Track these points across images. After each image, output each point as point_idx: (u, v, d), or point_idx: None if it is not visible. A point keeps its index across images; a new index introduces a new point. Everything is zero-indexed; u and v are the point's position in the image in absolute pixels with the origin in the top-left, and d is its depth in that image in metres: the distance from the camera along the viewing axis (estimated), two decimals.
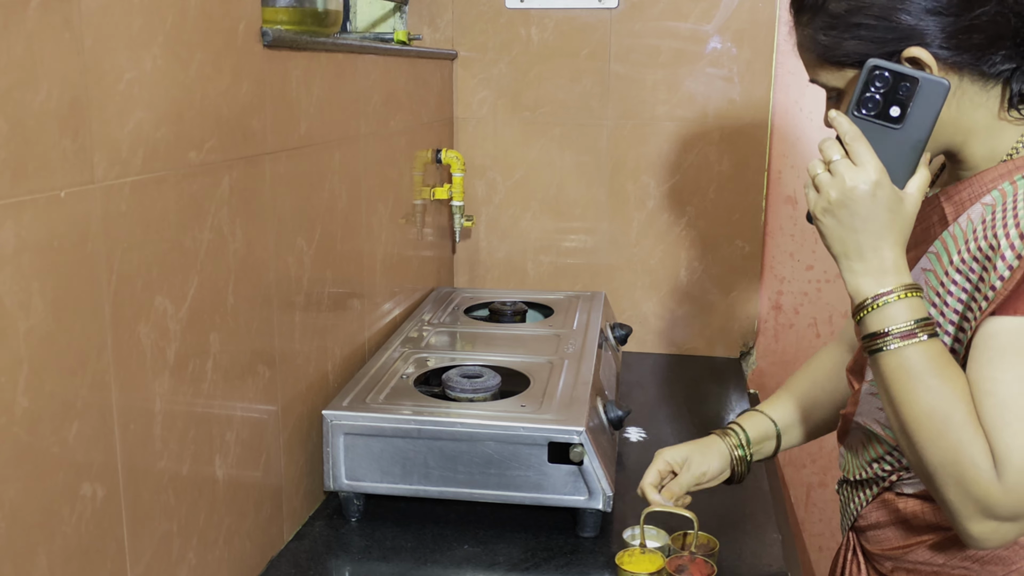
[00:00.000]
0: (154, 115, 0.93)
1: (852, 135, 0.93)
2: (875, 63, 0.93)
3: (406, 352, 1.61)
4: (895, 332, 0.92)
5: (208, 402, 1.07)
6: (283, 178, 1.23)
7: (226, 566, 1.14)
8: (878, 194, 0.92)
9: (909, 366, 0.91)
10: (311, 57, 1.30)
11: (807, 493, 2.25)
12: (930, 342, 0.91)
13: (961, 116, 0.97)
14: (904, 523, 1.07)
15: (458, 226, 2.03)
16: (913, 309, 0.92)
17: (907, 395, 0.91)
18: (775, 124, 2.06)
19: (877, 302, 0.93)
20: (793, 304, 2.16)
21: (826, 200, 0.94)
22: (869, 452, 1.10)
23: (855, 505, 1.15)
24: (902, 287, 0.92)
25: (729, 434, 1.29)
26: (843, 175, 0.93)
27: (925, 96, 0.91)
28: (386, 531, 1.34)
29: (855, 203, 0.92)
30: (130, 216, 0.90)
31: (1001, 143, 0.98)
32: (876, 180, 0.92)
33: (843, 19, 0.96)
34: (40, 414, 0.78)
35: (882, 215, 0.92)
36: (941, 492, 0.91)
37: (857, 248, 0.94)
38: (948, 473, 0.89)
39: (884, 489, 1.10)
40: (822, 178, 0.95)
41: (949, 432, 0.88)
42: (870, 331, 0.94)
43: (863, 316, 0.94)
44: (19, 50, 0.74)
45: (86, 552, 0.86)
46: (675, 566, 1.18)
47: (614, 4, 2.04)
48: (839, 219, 0.94)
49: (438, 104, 2.02)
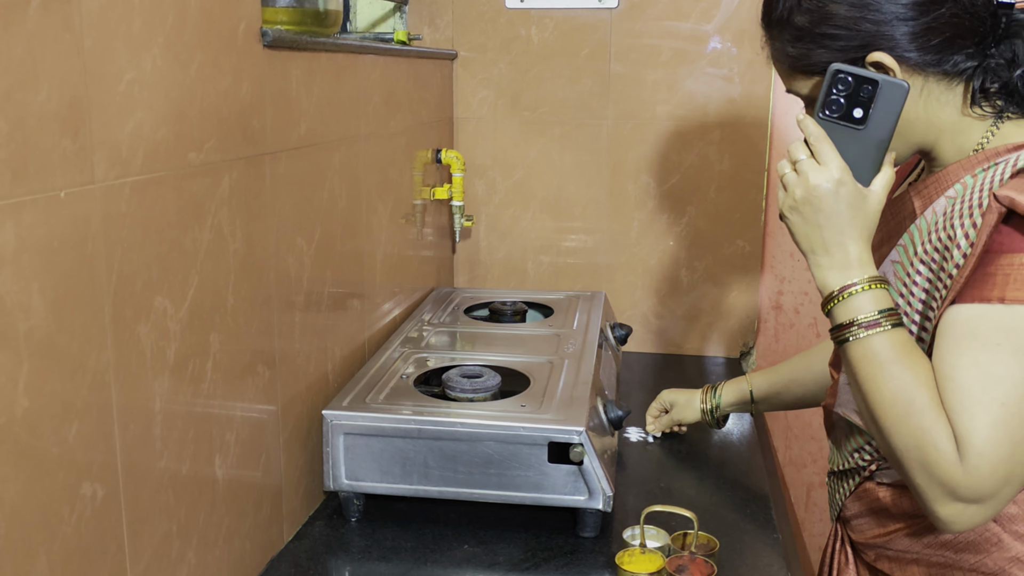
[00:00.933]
0: (154, 115, 0.93)
1: (816, 136, 0.98)
2: (837, 67, 0.97)
3: (406, 352, 1.61)
4: (860, 322, 0.95)
5: (208, 402, 1.07)
6: (283, 178, 1.24)
7: (226, 566, 1.14)
8: (840, 192, 0.96)
9: (874, 354, 0.94)
10: (311, 57, 1.30)
11: (807, 493, 2.25)
12: (894, 331, 0.95)
13: (929, 115, 1.01)
14: (883, 511, 1.10)
15: (458, 226, 2.03)
16: (877, 300, 0.96)
17: (873, 382, 0.94)
18: (775, 124, 2.06)
19: (843, 294, 0.96)
20: (793, 304, 2.16)
21: (792, 198, 0.99)
22: (850, 443, 1.13)
23: (840, 495, 1.17)
24: (866, 279, 0.96)
25: (707, 393, 1.60)
26: (807, 174, 0.97)
27: (886, 97, 0.96)
28: (386, 531, 1.34)
29: (819, 200, 0.97)
30: (130, 216, 0.90)
31: (968, 139, 1.02)
32: (838, 178, 0.96)
33: (808, 31, 1.01)
34: (40, 414, 0.78)
35: (845, 211, 0.96)
36: (909, 476, 0.93)
37: (823, 243, 0.98)
38: (913, 457, 0.91)
39: (864, 479, 1.12)
40: (788, 177, 0.99)
41: (912, 417, 0.91)
42: (837, 322, 0.97)
43: (831, 308, 0.98)
44: (19, 51, 0.74)
45: (86, 552, 0.86)
46: (675, 566, 1.18)
47: (614, 4, 2.04)
48: (804, 216, 0.98)
49: (438, 104, 2.02)
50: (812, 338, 2.16)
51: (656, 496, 1.44)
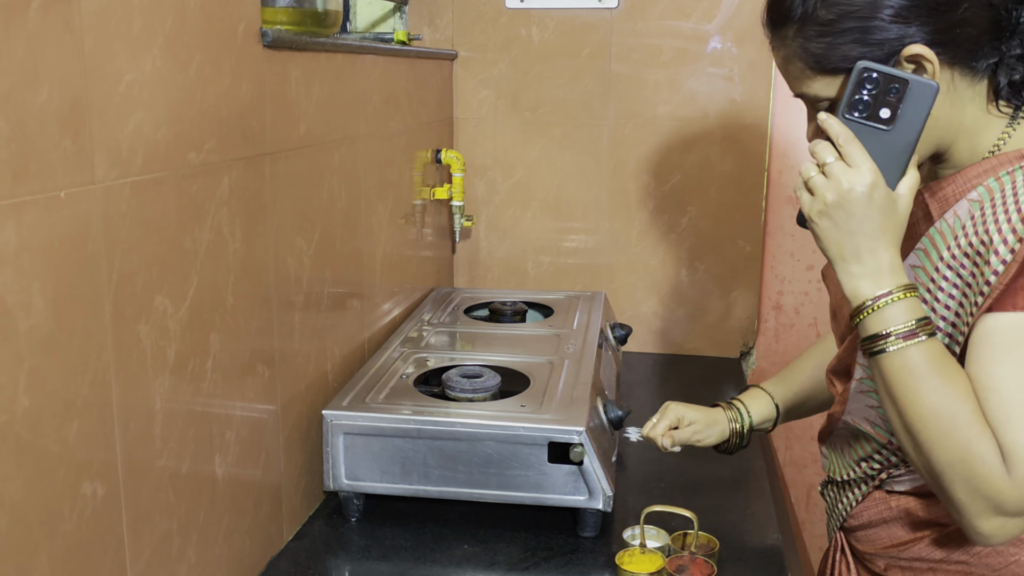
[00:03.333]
0: (154, 116, 0.93)
1: (845, 137, 0.93)
2: (865, 65, 0.93)
3: (406, 352, 1.62)
4: (896, 333, 0.91)
5: (208, 401, 1.07)
6: (283, 178, 1.24)
7: (226, 564, 1.14)
8: (874, 196, 0.91)
9: (912, 366, 0.90)
10: (311, 57, 1.31)
11: (807, 493, 2.25)
12: (930, 341, 0.91)
13: (953, 113, 0.98)
14: (898, 520, 1.08)
15: (458, 226, 2.04)
16: (912, 309, 0.92)
17: (911, 395, 0.90)
18: (776, 124, 2.06)
19: (876, 304, 0.92)
20: (793, 304, 2.16)
21: (822, 203, 0.93)
22: (856, 451, 1.11)
23: (844, 505, 1.15)
24: (900, 288, 0.92)
25: (735, 415, 1.36)
26: (839, 177, 0.92)
27: (915, 98, 0.92)
28: (386, 531, 1.35)
29: (852, 205, 0.92)
30: (130, 216, 0.90)
31: (984, 139, 0.99)
32: (872, 182, 0.91)
33: (834, 25, 0.96)
34: (41, 413, 0.78)
35: (877, 217, 0.92)
36: (948, 491, 0.90)
37: (854, 250, 0.93)
38: (957, 472, 0.89)
39: (874, 488, 1.10)
40: (816, 180, 0.94)
41: (956, 431, 0.88)
42: (870, 333, 0.93)
43: (862, 318, 0.93)
44: (20, 52, 0.74)
45: (86, 550, 0.86)
46: (675, 566, 1.18)
47: (614, 4, 2.04)
48: (836, 221, 0.93)
49: (438, 104, 2.02)
50: (812, 338, 2.16)
51: (656, 496, 1.44)
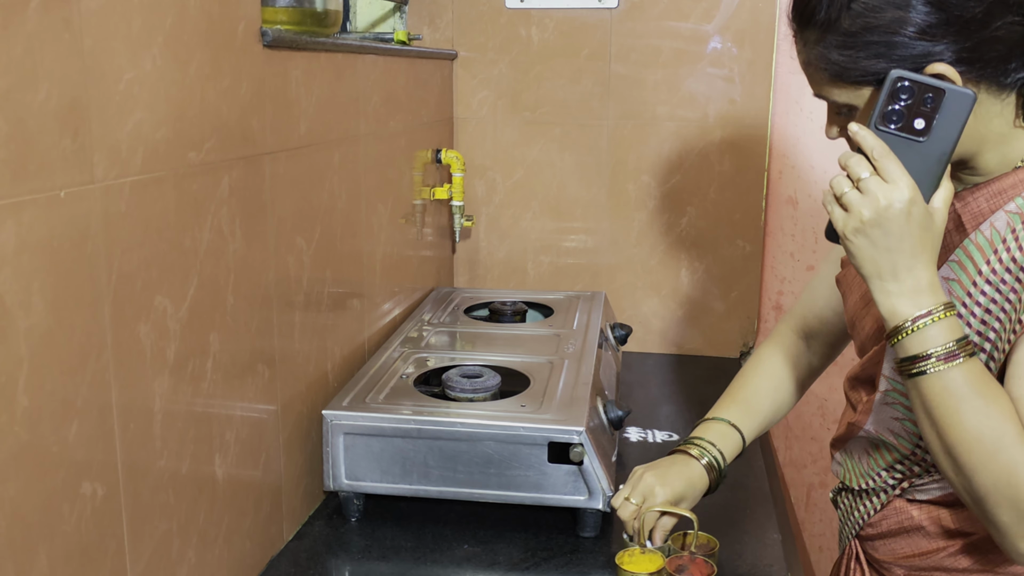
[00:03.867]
0: (154, 115, 0.93)
1: (881, 151, 0.90)
2: (899, 74, 0.90)
3: (406, 352, 1.62)
4: (936, 355, 0.89)
5: (208, 401, 1.07)
6: (283, 178, 1.24)
7: (226, 565, 1.14)
8: (913, 212, 0.89)
9: (954, 388, 0.89)
10: (311, 57, 1.31)
11: (807, 493, 2.25)
12: (971, 362, 0.89)
13: (978, 126, 0.95)
14: (919, 530, 1.07)
15: (458, 226, 2.04)
16: (952, 329, 0.90)
17: (953, 417, 0.89)
18: (775, 124, 2.06)
19: (916, 324, 0.90)
20: (793, 304, 2.16)
21: (858, 220, 0.90)
22: (878, 461, 1.10)
23: (860, 514, 1.14)
24: (940, 307, 0.90)
25: (711, 463, 1.24)
26: (875, 193, 0.89)
27: (950, 108, 0.89)
28: (386, 531, 1.34)
29: (890, 223, 0.89)
30: (130, 216, 0.90)
31: (1014, 150, 0.97)
32: (911, 198, 0.89)
33: (858, 37, 0.93)
34: (40, 413, 0.78)
35: (916, 233, 0.89)
36: (991, 513, 0.90)
37: (892, 268, 0.90)
38: (1003, 495, 0.88)
39: (895, 496, 1.09)
40: (851, 197, 0.91)
41: (1001, 453, 0.87)
42: (910, 353, 0.91)
43: (901, 339, 0.91)
44: (19, 50, 0.74)
45: (86, 551, 0.86)
46: (675, 566, 1.18)
47: (614, 4, 2.04)
48: (872, 239, 0.90)
49: (438, 104, 2.02)
50: None
51: None
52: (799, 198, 2.10)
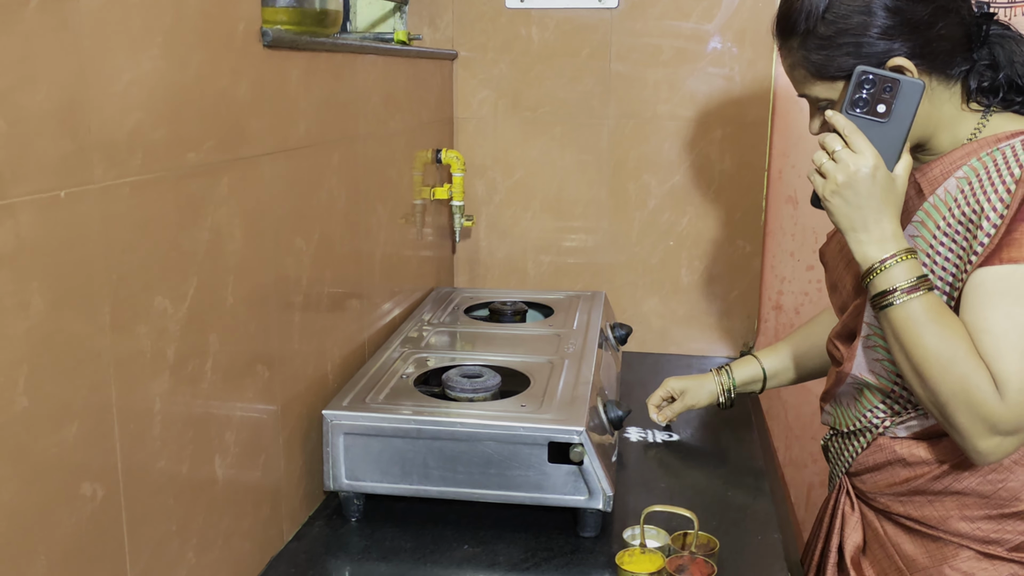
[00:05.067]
0: (153, 115, 0.93)
1: (850, 129, 1.10)
2: (863, 69, 1.10)
3: (406, 352, 1.61)
4: (900, 288, 1.08)
5: (207, 402, 1.07)
6: (282, 178, 1.23)
7: (225, 566, 1.14)
8: (876, 176, 1.09)
9: (916, 316, 1.07)
10: (310, 57, 1.30)
11: (807, 493, 2.24)
12: (929, 294, 1.08)
13: (932, 110, 1.16)
14: (900, 462, 1.22)
15: (458, 226, 2.03)
16: (913, 268, 1.09)
17: (916, 340, 1.07)
18: (776, 124, 2.06)
19: (883, 265, 1.09)
20: (793, 304, 2.16)
21: (834, 183, 1.10)
22: (863, 404, 1.25)
23: (850, 452, 1.29)
24: (902, 251, 1.09)
25: (722, 375, 1.64)
26: (847, 161, 1.09)
27: (905, 94, 1.10)
28: (386, 531, 1.34)
29: (859, 184, 1.09)
30: (129, 216, 0.90)
31: (962, 130, 1.17)
32: (875, 164, 1.09)
33: (832, 39, 1.13)
34: (39, 414, 0.78)
35: (880, 193, 1.09)
36: (952, 418, 1.06)
37: (863, 222, 1.10)
38: (959, 400, 1.05)
39: (878, 435, 1.24)
40: (827, 166, 1.11)
41: (955, 366, 1.05)
42: (879, 290, 1.09)
43: (872, 279, 1.10)
44: (17, 50, 0.74)
45: (85, 552, 0.86)
46: (675, 566, 1.18)
47: (614, 4, 2.04)
48: (846, 198, 1.10)
49: (438, 104, 2.02)
50: None
51: (656, 496, 1.44)
52: (799, 198, 2.10)
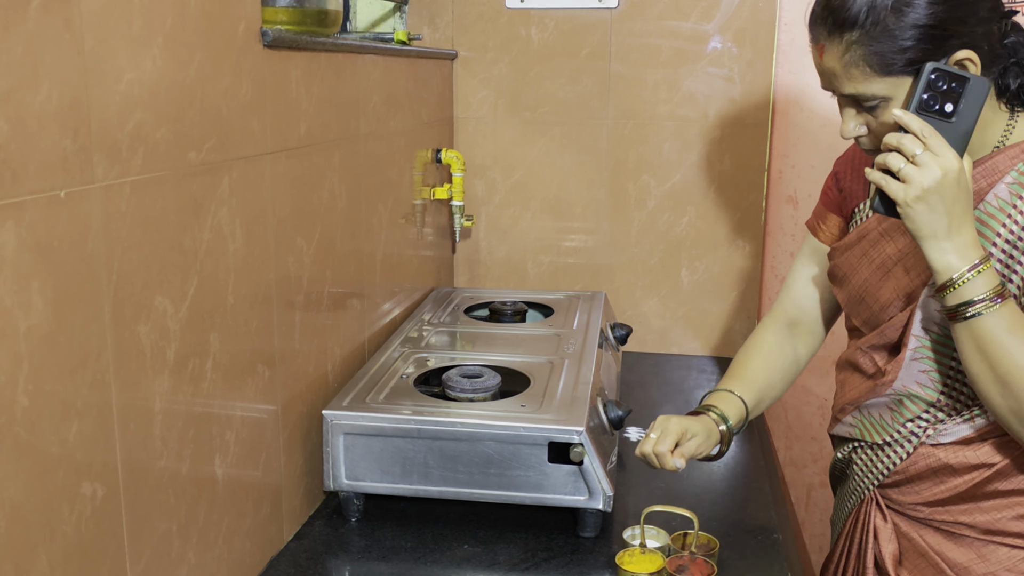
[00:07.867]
0: (154, 115, 0.93)
1: (929, 131, 1.04)
2: (934, 66, 1.04)
3: (406, 352, 1.61)
4: (987, 297, 1.04)
5: (208, 402, 1.07)
6: (283, 178, 1.24)
7: (226, 565, 1.14)
8: (961, 180, 1.04)
9: (1003, 326, 1.04)
10: (311, 57, 1.30)
11: (807, 493, 2.25)
12: (1010, 302, 1.05)
13: None
14: (946, 468, 1.19)
15: (458, 226, 2.03)
16: (993, 277, 1.05)
17: (1003, 350, 1.04)
18: (775, 124, 2.06)
19: (966, 276, 1.04)
20: None
21: (919, 188, 1.03)
22: (902, 414, 1.22)
23: (884, 464, 1.25)
24: (983, 259, 1.05)
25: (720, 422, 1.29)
26: (931, 165, 1.03)
27: (972, 93, 1.04)
28: (386, 531, 1.34)
29: (946, 189, 1.03)
30: (130, 216, 0.90)
31: (991, 132, 1.13)
32: (959, 167, 1.03)
33: (902, 33, 1.06)
34: (40, 413, 0.78)
35: (963, 197, 1.04)
36: None
37: (946, 229, 1.04)
38: None
39: (919, 444, 1.20)
40: (908, 170, 1.04)
41: None
42: (962, 300, 1.05)
43: (954, 289, 1.05)
44: (19, 51, 0.74)
45: (86, 551, 0.86)
46: (675, 566, 1.18)
47: (614, 4, 2.04)
48: (931, 204, 1.03)
49: (438, 104, 2.02)
50: None
51: (656, 496, 1.44)
52: (799, 198, 2.10)
